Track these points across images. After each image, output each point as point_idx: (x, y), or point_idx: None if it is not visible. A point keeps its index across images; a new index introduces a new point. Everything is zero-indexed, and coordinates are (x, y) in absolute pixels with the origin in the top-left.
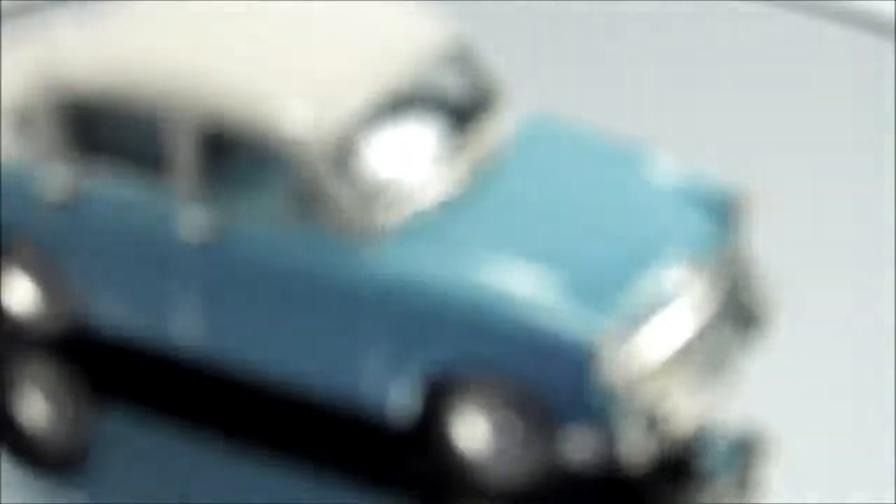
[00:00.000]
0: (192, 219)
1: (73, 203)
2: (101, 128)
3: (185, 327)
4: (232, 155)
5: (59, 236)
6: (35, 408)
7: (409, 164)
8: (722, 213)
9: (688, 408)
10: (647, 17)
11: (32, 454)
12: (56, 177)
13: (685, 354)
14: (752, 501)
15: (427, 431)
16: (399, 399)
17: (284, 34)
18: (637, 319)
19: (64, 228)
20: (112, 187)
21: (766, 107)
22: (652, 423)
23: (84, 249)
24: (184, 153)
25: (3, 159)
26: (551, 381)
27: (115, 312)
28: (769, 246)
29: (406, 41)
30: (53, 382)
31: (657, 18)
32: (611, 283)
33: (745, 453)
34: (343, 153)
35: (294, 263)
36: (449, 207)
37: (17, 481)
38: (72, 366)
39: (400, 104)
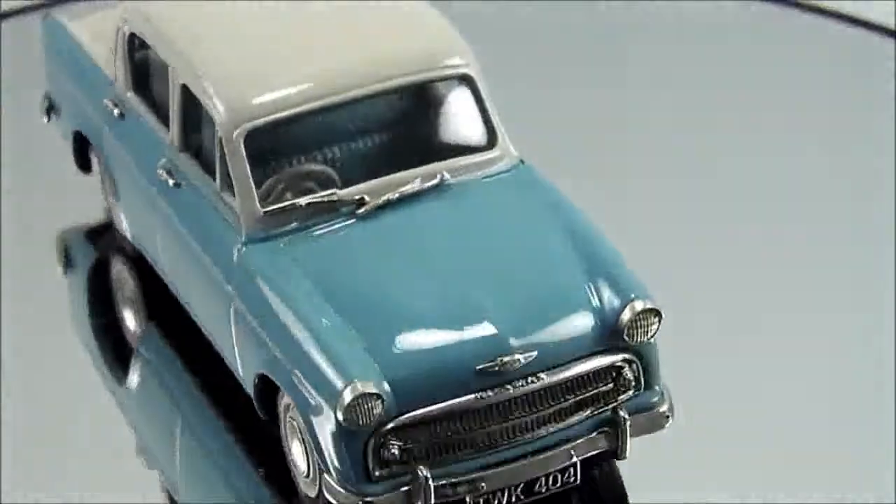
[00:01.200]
0: (170, 164)
1: (120, 120)
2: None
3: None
4: (199, 119)
5: (109, 148)
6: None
7: (326, 177)
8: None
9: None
10: (646, 17)
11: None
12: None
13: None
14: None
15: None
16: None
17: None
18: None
19: (111, 143)
20: (139, 122)
21: (766, 106)
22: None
23: (117, 167)
24: (173, 106)
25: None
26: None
27: (135, 232)
28: (769, 246)
29: (405, 56)
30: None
31: (656, 18)
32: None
33: None
34: (255, 144)
35: (197, 229)
36: (336, 230)
37: (17, 481)
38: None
39: (355, 115)
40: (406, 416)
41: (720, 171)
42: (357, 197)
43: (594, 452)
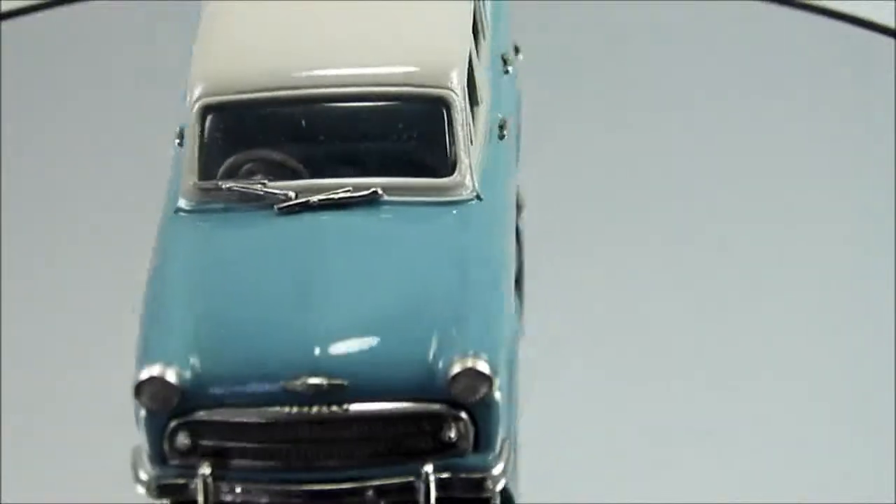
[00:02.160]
0: (182, 129)
1: None
2: None
3: None
4: None
5: None
6: None
7: (291, 169)
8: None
9: None
10: (646, 16)
11: None
12: None
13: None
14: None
15: None
16: None
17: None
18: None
19: None
20: None
21: (766, 106)
22: None
23: None
24: None
25: None
26: None
27: None
28: (768, 245)
29: (390, 66)
30: None
31: (655, 17)
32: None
33: None
34: (219, 122)
35: (170, 193)
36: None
37: (17, 481)
38: None
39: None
40: (203, 412)
41: (720, 170)
42: (285, 193)
43: (393, 500)
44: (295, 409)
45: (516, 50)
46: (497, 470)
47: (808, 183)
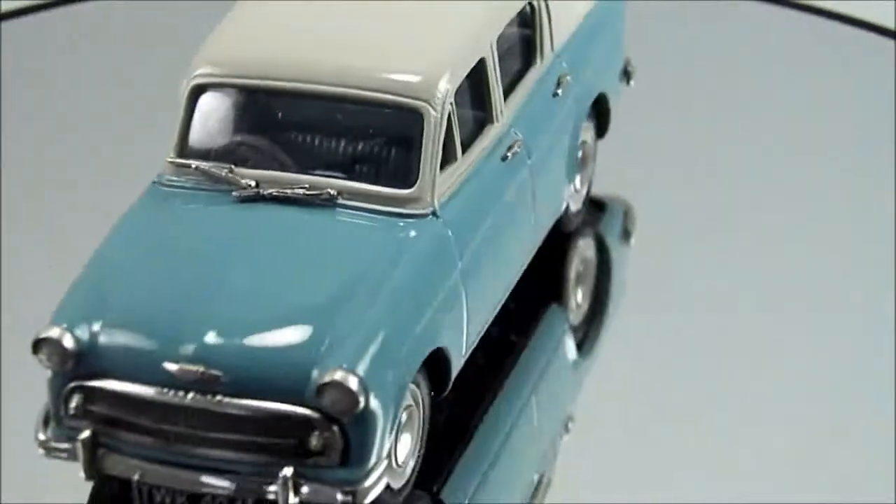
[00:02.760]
0: None
1: None
2: None
3: None
4: None
5: None
6: None
7: (271, 157)
8: None
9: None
10: (646, 16)
11: None
12: None
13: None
14: None
15: None
16: None
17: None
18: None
19: None
20: None
21: (766, 106)
22: None
23: None
24: None
25: None
26: None
27: None
28: (767, 245)
29: (379, 72)
30: None
31: (655, 18)
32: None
33: None
34: (211, 102)
35: None
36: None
37: (17, 481)
38: None
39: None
40: (93, 380)
41: (719, 169)
42: (247, 181)
43: (255, 497)
44: (171, 393)
45: (627, 75)
46: (362, 486)
47: (808, 183)
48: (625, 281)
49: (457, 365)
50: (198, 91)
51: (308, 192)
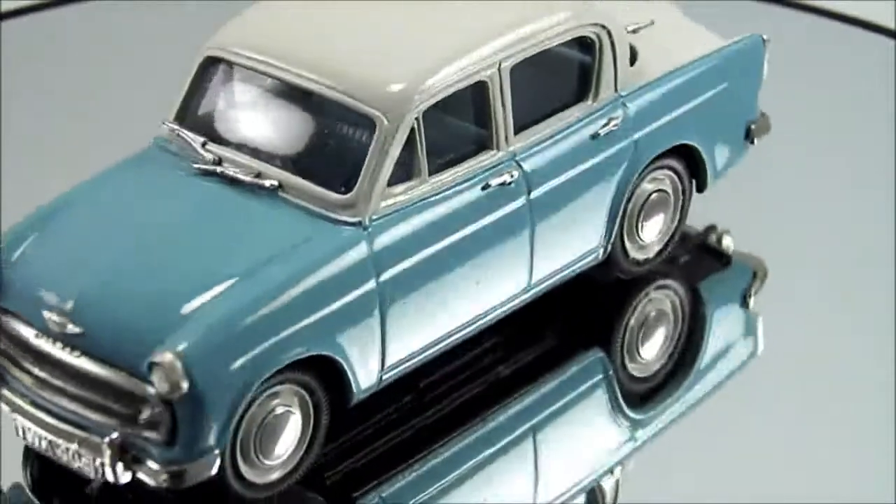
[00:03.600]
0: None
1: None
2: None
3: None
4: None
5: None
6: None
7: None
8: None
9: None
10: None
11: None
12: None
13: None
14: None
15: None
16: None
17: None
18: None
19: None
20: None
21: (766, 106)
22: None
23: None
24: None
25: None
26: None
27: None
28: (766, 245)
29: (354, 75)
30: None
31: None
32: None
33: None
34: (209, 76)
35: None
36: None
37: (16, 481)
38: None
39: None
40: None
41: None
42: (212, 157)
43: (92, 456)
44: (43, 339)
45: (751, 136)
46: (185, 468)
47: (808, 183)
48: (723, 349)
49: (364, 380)
50: (206, 63)
51: (253, 179)
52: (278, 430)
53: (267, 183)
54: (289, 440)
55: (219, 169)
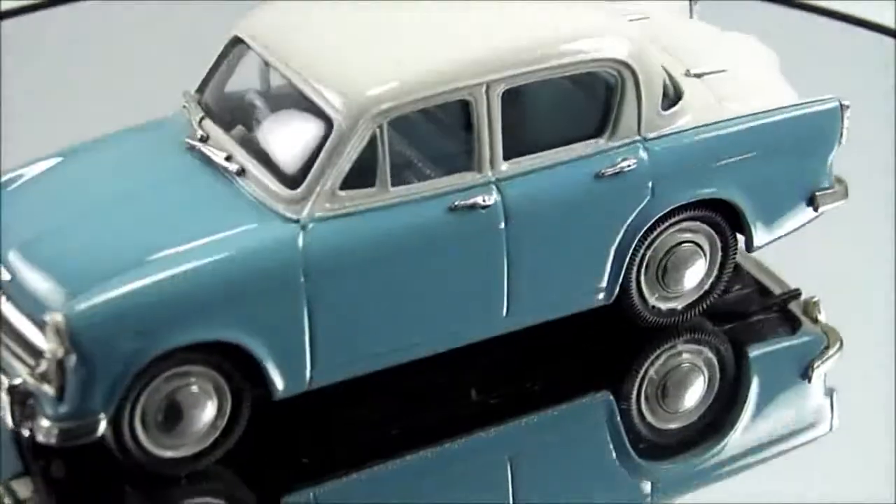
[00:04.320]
0: None
1: None
2: None
3: None
4: None
5: None
6: None
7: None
8: None
9: None
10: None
11: None
12: None
13: None
14: None
15: None
16: None
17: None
18: None
19: None
20: None
21: None
22: None
23: None
24: None
25: None
26: None
27: None
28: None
29: (334, 75)
30: None
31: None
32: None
33: None
34: (230, 54)
35: None
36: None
37: (16, 481)
38: None
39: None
40: None
41: None
42: (200, 134)
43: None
44: None
45: (815, 204)
46: (67, 425)
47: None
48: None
49: (288, 376)
50: (232, 42)
51: (222, 162)
52: (188, 409)
53: (232, 167)
54: (200, 421)
55: (198, 145)
